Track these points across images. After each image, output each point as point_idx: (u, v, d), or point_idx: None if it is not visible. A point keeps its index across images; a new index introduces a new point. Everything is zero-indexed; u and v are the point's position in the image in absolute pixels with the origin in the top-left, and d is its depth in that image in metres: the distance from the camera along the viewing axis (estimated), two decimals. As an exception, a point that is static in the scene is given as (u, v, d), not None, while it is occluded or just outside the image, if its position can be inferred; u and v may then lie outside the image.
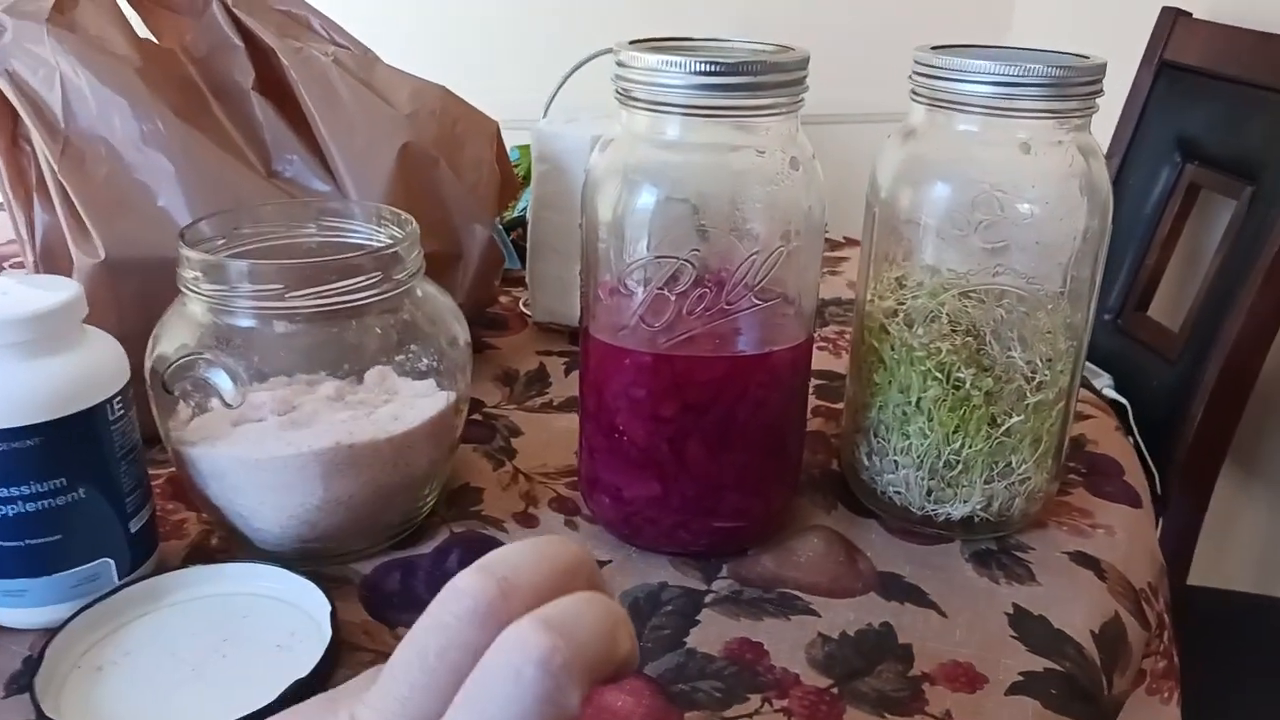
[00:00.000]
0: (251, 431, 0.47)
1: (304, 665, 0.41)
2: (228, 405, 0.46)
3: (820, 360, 0.75)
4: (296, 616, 0.45)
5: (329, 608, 0.44)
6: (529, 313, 0.78)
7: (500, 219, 0.91)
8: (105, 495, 0.44)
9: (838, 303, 0.87)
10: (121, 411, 0.44)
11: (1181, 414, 1.14)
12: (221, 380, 0.45)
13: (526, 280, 0.77)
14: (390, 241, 0.49)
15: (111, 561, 0.45)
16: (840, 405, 0.67)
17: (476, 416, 0.64)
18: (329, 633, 0.43)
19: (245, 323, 0.46)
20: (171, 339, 0.47)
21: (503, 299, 0.83)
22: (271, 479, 0.46)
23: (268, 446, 0.46)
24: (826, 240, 1.06)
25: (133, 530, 0.46)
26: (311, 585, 0.45)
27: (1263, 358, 1.10)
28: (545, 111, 0.75)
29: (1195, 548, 1.19)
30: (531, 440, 0.62)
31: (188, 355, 0.45)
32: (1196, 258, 1.29)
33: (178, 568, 0.47)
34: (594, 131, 0.67)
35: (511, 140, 0.93)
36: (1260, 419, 1.24)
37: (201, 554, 0.51)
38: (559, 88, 0.75)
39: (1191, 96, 1.23)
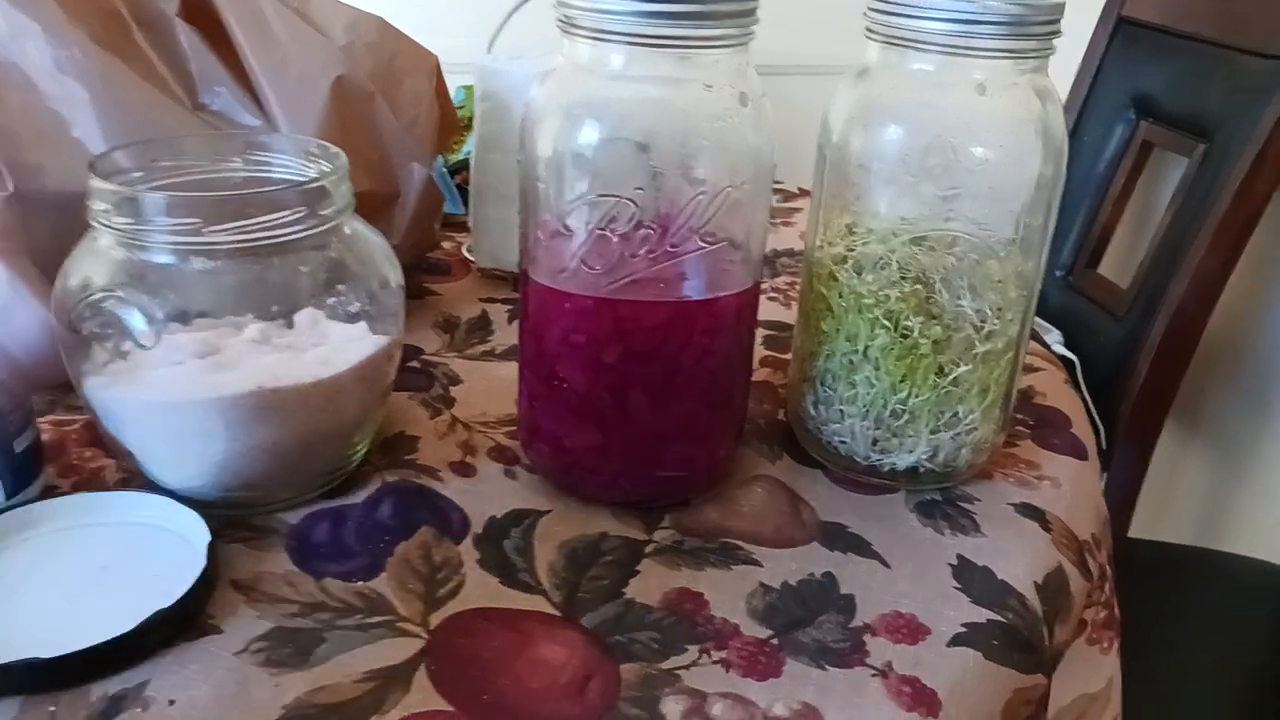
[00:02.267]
0: (169, 375, 0.44)
1: (176, 594, 0.40)
2: (141, 346, 0.43)
3: (770, 310, 0.74)
4: (180, 547, 0.44)
5: (208, 538, 0.43)
6: (472, 258, 0.76)
7: (445, 161, 0.88)
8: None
9: (790, 254, 0.85)
10: None
11: (1127, 371, 1.15)
12: (134, 319, 0.42)
13: (469, 225, 0.74)
14: (317, 176, 0.46)
15: (-8, 482, 0.43)
16: (788, 356, 0.66)
17: (414, 364, 0.62)
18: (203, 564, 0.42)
19: (161, 259, 0.43)
20: (78, 275, 0.44)
21: (445, 244, 0.81)
22: (190, 424, 0.44)
23: (186, 390, 0.44)
24: (781, 191, 1.05)
25: (15, 451, 0.44)
26: (196, 516, 0.44)
27: (1206, 318, 1.11)
28: (489, 47, 0.72)
29: (1137, 501, 1.21)
30: (471, 389, 0.60)
31: (96, 293, 0.42)
32: (1148, 215, 1.29)
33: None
34: (540, 69, 0.65)
35: (456, 81, 0.89)
36: (1202, 378, 1.26)
37: (120, 503, 0.49)
38: (504, 23, 0.72)
39: (1148, 53, 1.23)
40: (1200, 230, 1.09)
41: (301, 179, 0.48)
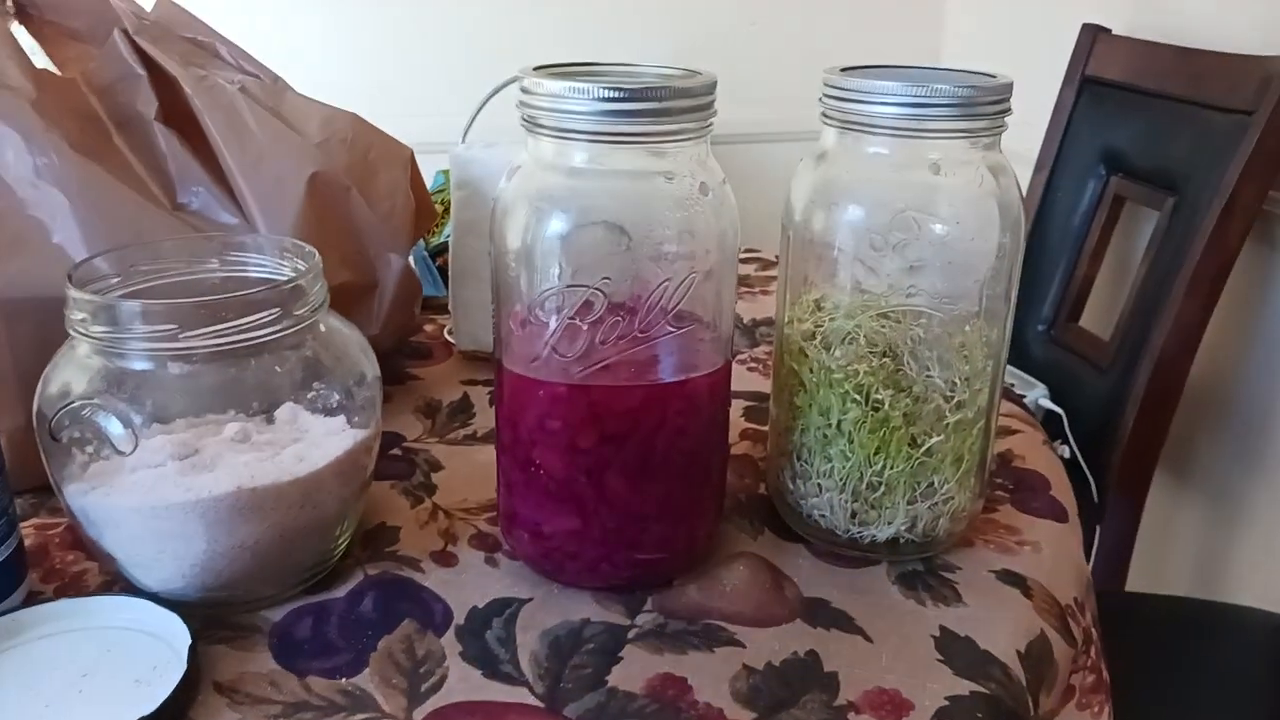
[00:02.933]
0: (147, 478, 0.45)
1: (158, 700, 0.40)
2: (119, 452, 0.43)
3: (751, 381, 0.75)
4: (160, 651, 0.44)
5: (189, 641, 0.43)
6: (453, 341, 0.76)
7: (426, 244, 0.89)
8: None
9: (769, 323, 0.86)
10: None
11: (1115, 422, 1.16)
12: (112, 426, 0.43)
13: (449, 308, 0.75)
14: (293, 275, 0.47)
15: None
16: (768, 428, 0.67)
17: (396, 451, 0.63)
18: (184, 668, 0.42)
19: (138, 365, 0.44)
20: (58, 383, 0.45)
21: (427, 327, 0.82)
22: (169, 527, 0.44)
23: (164, 493, 0.44)
24: (758, 259, 1.06)
25: None
26: (176, 619, 0.44)
27: (1189, 365, 1.12)
28: (464, 136, 0.73)
29: (1132, 554, 1.21)
30: (453, 474, 0.60)
31: (74, 401, 0.43)
32: (1124, 267, 1.31)
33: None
34: (513, 156, 0.66)
35: (436, 165, 0.91)
36: (1190, 425, 1.26)
37: (101, 606, 0.49)
38: (475, 114, 0.74)
39: (1114, 111, 1.26)
40: (1176, 280, 1.10)
41: (277, 279, 0.49)
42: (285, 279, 0.47)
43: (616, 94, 0.42)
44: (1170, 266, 1.12)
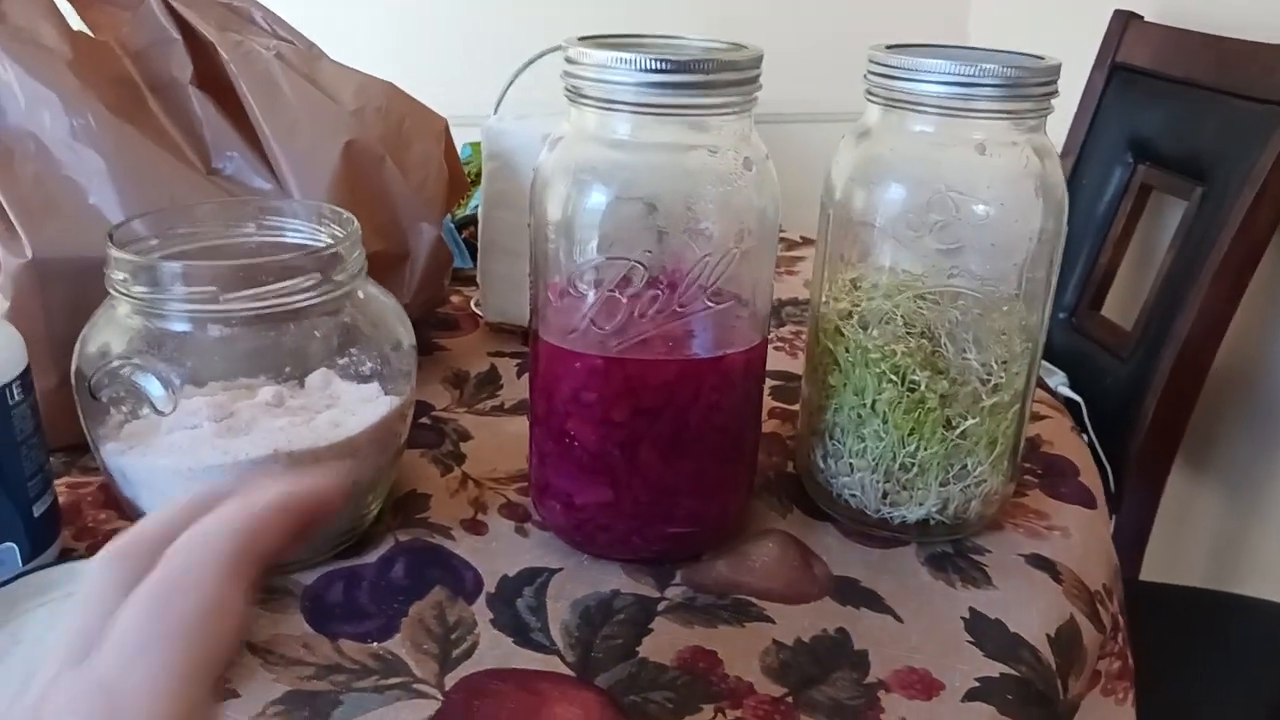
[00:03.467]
0: (184, 439, 0.45)
1: None
2: (159, 412, 0.44)
3: (777, 361, 0.75)
4: None
5: None
6: (480, 313, 0.76)
7: (452, 216, 0.89)
8: (5, 480, 0.43)
9: (795, 303, 0.86)
10: (20, 397, 0.44)
11: (1134, 411, 1.15)
12: (152, 386, 0.43)
13: (478, 280, 0.75)
14: (330, 241, 0.47)
15: (15, 547, 0.44)
16: (796, 407, 0.67)
17: (425, 420, 0.63)
18: None
19: (178, 327, 0.44)
20: (97, 342, 0.45)
21: (454, 299, 0.81)
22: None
23: (201, 455, 0.44)
24: (784, 240, 1.06)
25: (35, 515, 0.45)
26: None
27: (1213, 355, 1.11)
28: (496, 108, 0.73)
29: (1148, 544, 1.20)
30: (481, 444, 0.61)
31: (114, 360, 0.43)
32: (1149, 257, 1.30)
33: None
34: (545, 128, 0.66)
35: (465, 137, 0.91)
36: (1210, 416, 1.26)
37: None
38: (509, 84, 0.73)
39: (1143, 98, 1.25)
40: (1203, 269, 1.09)
41: (314, 244, 0.49)
42: (324, 245, 0.47)
43: (662, 65, 0.42)
44: (1197, 255, 1.11)
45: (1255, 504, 1.24)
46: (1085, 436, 1.18)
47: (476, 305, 0.77)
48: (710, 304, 0.45)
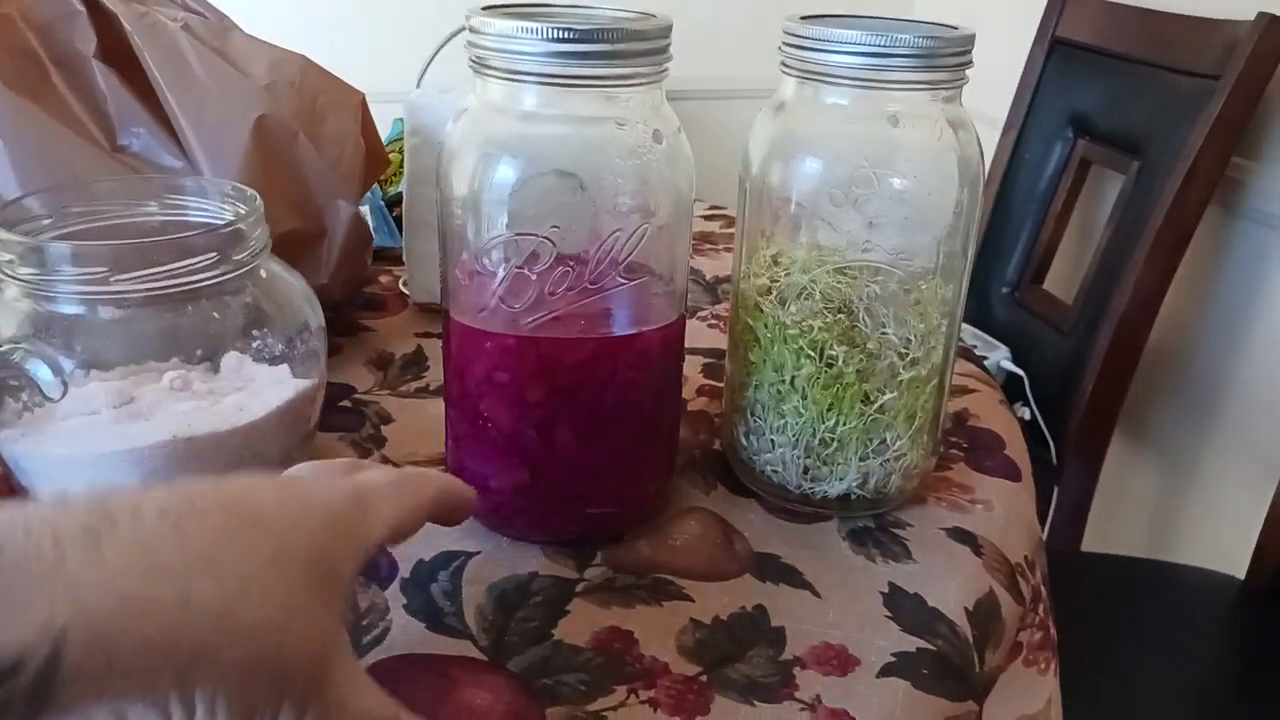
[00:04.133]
0: (81, 426, 0.43)
1: None
2: (48, 399, 0.42)
3: (711, 338, 0.74)
4: None
5: None
6: (408, 292, 0.75)
7: (384, 194, 0.87)
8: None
9: (730, 280, 0.85)
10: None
11: (1074, 384, 1.16)
12: (40, 372, 0.41)
13: (403, 259, 0.74)
14: (232, 219, 0.46)
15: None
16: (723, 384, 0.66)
17: (346, 403, 0.62)
18: None
19: (68, 309, 0.43)
20: (-14, 328, 0.43)
21: (382, 278, 0.80)
22: (104, 477, 0.43)
23: (97, 442, 0.43)
24: (723, 216, 1.05)
25: None
26: None
27: (1147, 332, 1.13)
28: (419, 82, 0.71)
29: (1089, 515, 1.22)
30: (403, 427, 0.59)
31: (4, 346, 0.42)
32: (1089, 231, 1.31)
33: None
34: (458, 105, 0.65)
35: (392, 114, 0.89)
36: (1147, 390, 1.28)
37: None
38: (431, 58, 0.72)
39: (1082, 73, 1.25)
40: (1138, 244, 1.10)
41: (216, 222, 0.47)
42: (224, 222, 0.45)
43: (568, 34, 0.41)
44: (1132, 231, 1.13)
45: (1190, 475, 1.26)
46: (1026, 410, 1.20)
47: (404, 285, 0.76)
48: (623, 280, 0.45)
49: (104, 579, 0.23)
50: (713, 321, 0.77)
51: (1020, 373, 1.24)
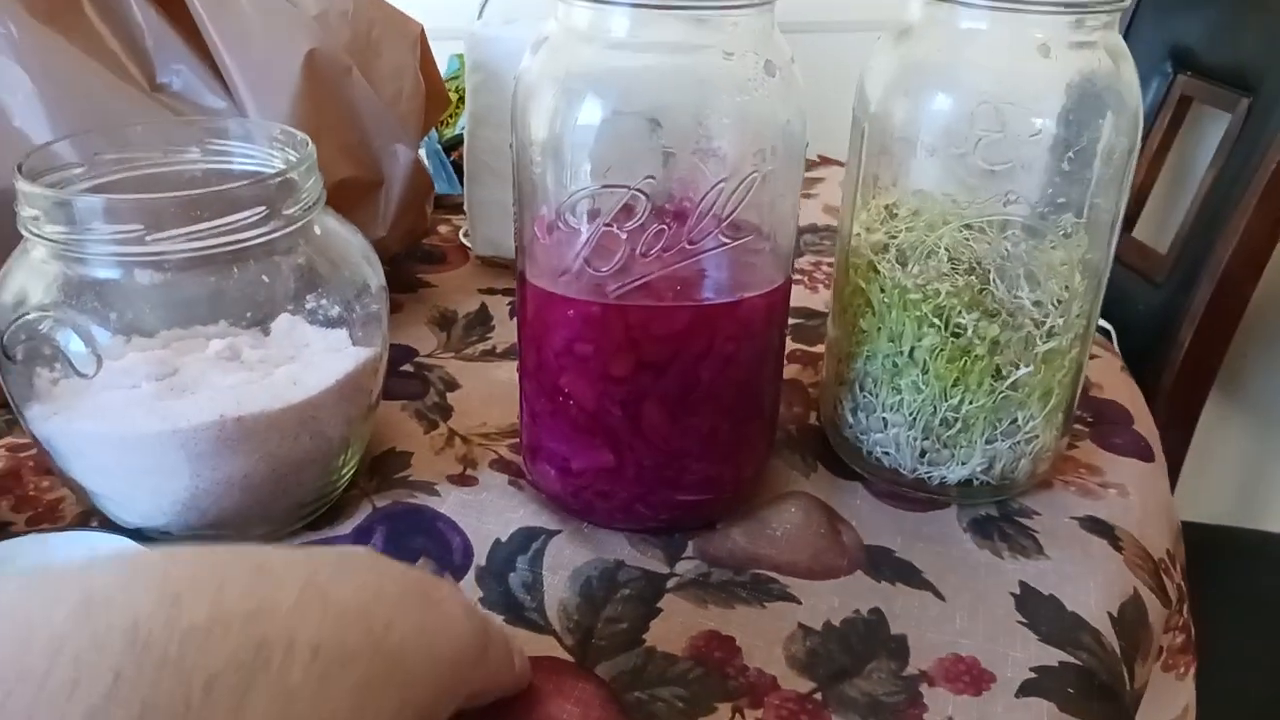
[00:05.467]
0: (117, 401, 0.39)
1: None
2: (79, 374, 0.37)
3: (795, 296, 0.68)
4: None
5: None
6: (469, 245, 0.70)
7: (440, 136, 0.82)
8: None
9: (813, 229, 0.79)
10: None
11: (1168, 339, 1.09)
12: (71, 343, 0.37)
13: (465, 208, 0.68)
14: (282, 168, 0.40)
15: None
16: (819, 349, 0.60)
17: (407, 368, 0.57)
18: None
19: (101, 272, 0.38)
20: (12, 290, 0.38)
21: (441, 229, 0.75)
22: (142, 460, 0.38)
23: (136, 422, 0.38)
24: (823, 162, 0.98)
25: None
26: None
27: (1255, 282, 1.04)
28: (480, 13, 0.65)
29: (1177, 482, 1.15)
30: (470, 394, 0.54)
31: (29, 313, 0.37)
32: (1186, 175, 1.22)
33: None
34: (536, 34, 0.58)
35: (450, 50, 0.83)
36: (1245, 344, 1.19)
37: (76, 541, 0.43)
38: (495, -15, 0.65)
39: (1184, 2, 1.15)
40: (1247, 189, 1.02)
41: (264, 172, 0.42)
42: (273, 172, 0.40)
43: (668, -51, 0.35)
44: (1240, 174, 1.04)
45: (1292, 438, 1.18)
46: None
47: (465, 236, 0.70)
48: (725, 239, 0.39)
49: None
50: (797, 277, 0.71)
51: (1108, 327, 1.16)
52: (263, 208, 0.38)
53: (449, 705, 0.29)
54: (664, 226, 0.38)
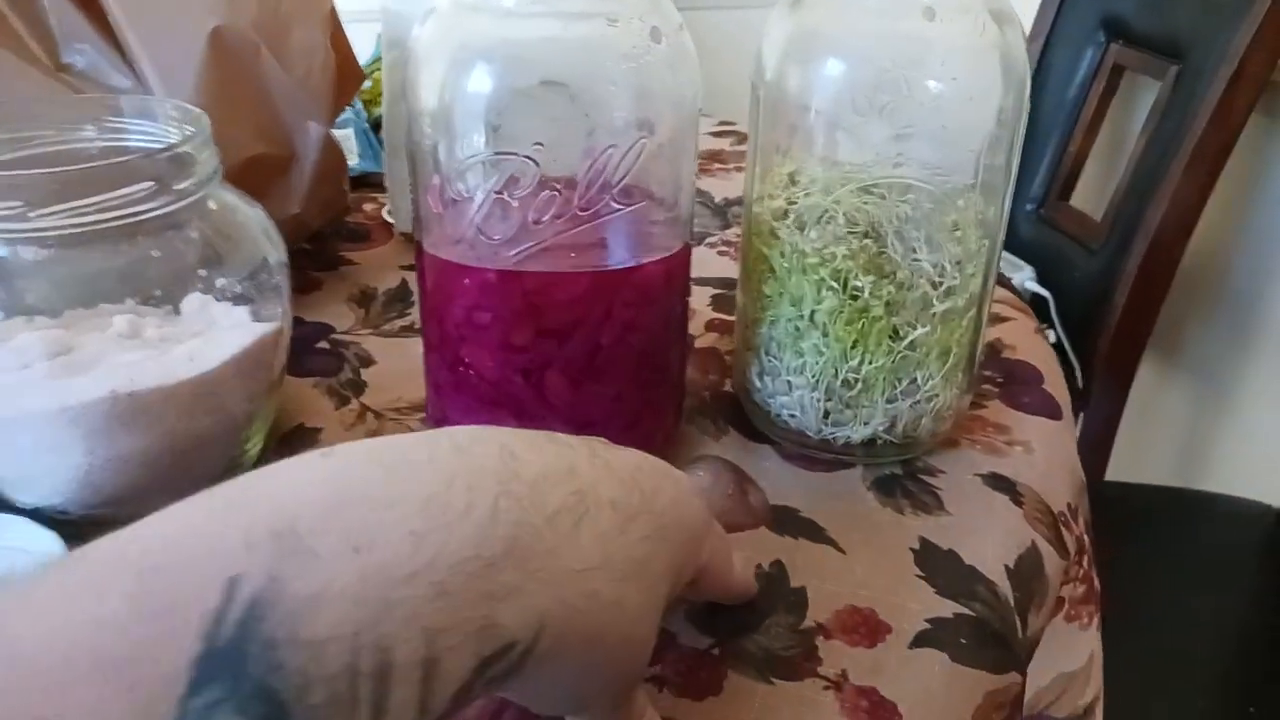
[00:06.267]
0: (9, 383, 0.39)
1: None
2: (-36, 352, 0.37)
3: (721, 267, 0.69)
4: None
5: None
6: (392, 221, 0.69)
7: (369, 116, 0.81)
8: None
9: (740, 203, 0.79)
10: None
11: (1104, 304, 1.11)
12: (-46, 322, 0.36)
13: (385, 185, 0.68)
14: (173, 142, 0.40)
15: None
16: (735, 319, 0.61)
17: (323, 344, 0.57)
18: None
19: (-13, 249, 0.37)
20: (-103, 272, 0.38)
21: (366, 206, 0.74)
22: (34, 439, 0.38)
23: (26, 401, 0.38)
24: (734, 133, 0.98)
25: None
26: (55, 538, 0.38)
27: (1184, 245, 1.06)
28: (395, -12, 0.65)
29: (1114, 442, 1.17)
30: (386, 370, 0.54)
31: (-90, 293, 0.36)
32: (1120, 143, 1.24)
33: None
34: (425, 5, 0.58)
35: (375, 31, 0.82)
36: (1180, 308, 1.22)
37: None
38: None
39: (1117, -30, 1.17)
40: (1176, 155, 1.04)
41: (154, 147, 0.42)
42: (162, 147, 0.40)
43: (548, -84, 0.35)
44: (1170, 140, 1.05)
45: (1223, 399, 1.21)
46: (1053, 334, 1.14)
47: (389, 214, 0.70)
48: (619, 205, 0.39)
49: (579, 573, 0.25)
50: (723, 249, 0.71)
51: (1046, 294, 1.18)
52: (152, 183, 0.38)
53: (689, 571, 0.32)
54: (555, 193, 0.38)
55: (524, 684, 0.26)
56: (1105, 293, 1.11)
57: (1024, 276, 1.19)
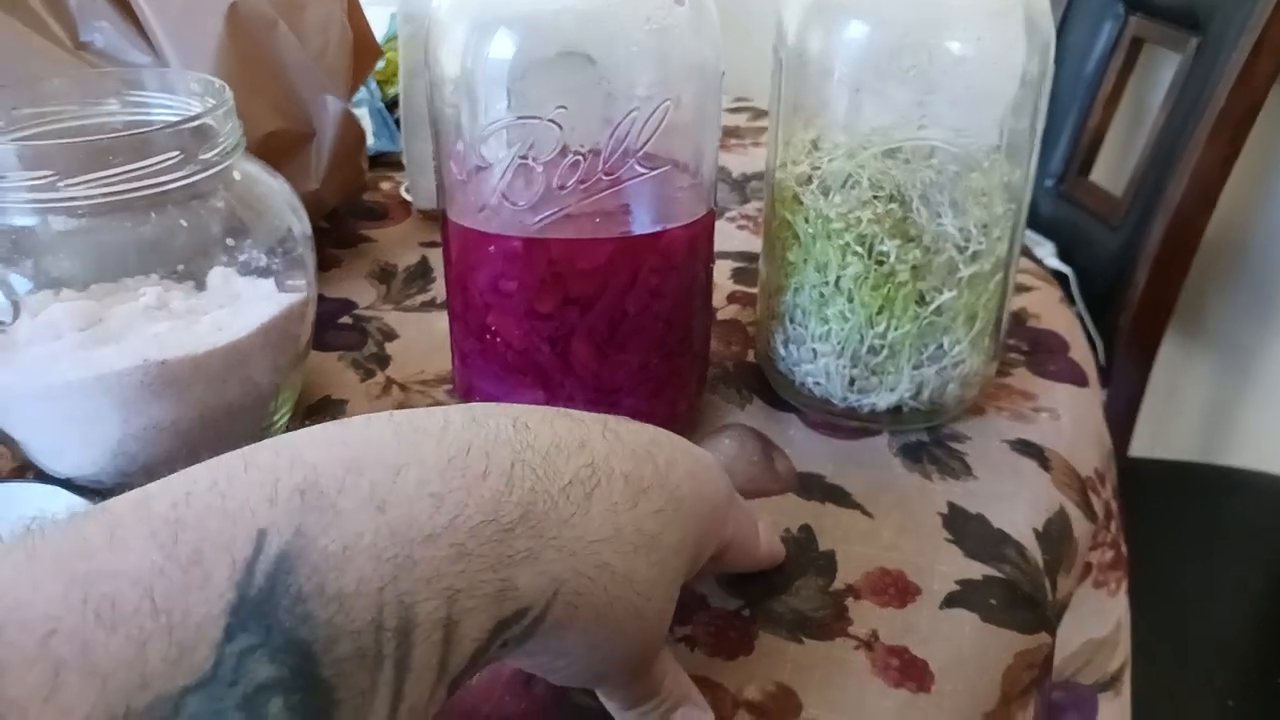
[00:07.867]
0: (41, 354, 0.39)
1: None
2: (-2, 322, 0.37)
3: (741, 240, 0.68)
4: None
5: None
6: (410, 199, 0.70)
7: (383, 95, 0.81)
8: None
9: (761, 177, 0.79)
10: None
11: (1125, 280, 1.10)
12: (-14, 292, 0.37)
13: (403, 162, 0.68)
14: (197, 113, 0.40)
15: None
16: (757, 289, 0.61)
17: (346, 319, 0.57)
18: None
19: (18, 220, 0.38)
20: (-74, 244, 0.38)
21: (384, 185, 0.74)
22: (68, 410, 0.39)
23: (58, 370, 0.38)
24: (750, 108, 0.98)
25: None
26: (87, 505, 0.38)
27: (1206, 220, 1.05)
28: (411, -36, 0.65)
29: (1137, 419, 1.17)
30: (409, 344, 0.55)
31: (-59, 263, 0.37)
32: (1140, 117, 1.23)
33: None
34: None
35: (390, 11, 0.82)
36: (1202, 282, 1.21)
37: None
38: (424, -66, 0.65)
39: (1136, -59, 1.15)
40: (1197, 127, 1.03)
41: (178, 119, 0.42)
42: (188, 117, 0.40)
43: (570, -123, 0.35)
44: (1190, 113, 1.04)
45: (1247, 374, 1.20)
46: (1075, 309, 1.14)
47: (407, 191, 0.70)
48: (642, 169, 0.39)
49: (591, 543, 0.25)
50: (742, 222, 0.71)
51: (1067, 270, 1.17)
52: (178, 152, 0.38)
53: (711, 546, 0.32)
54: (579, 158, 0.38)
55: (538, 652, 0.26)
56: (1127, 269, 1.10)
57: (1045, 252, 1.18)
